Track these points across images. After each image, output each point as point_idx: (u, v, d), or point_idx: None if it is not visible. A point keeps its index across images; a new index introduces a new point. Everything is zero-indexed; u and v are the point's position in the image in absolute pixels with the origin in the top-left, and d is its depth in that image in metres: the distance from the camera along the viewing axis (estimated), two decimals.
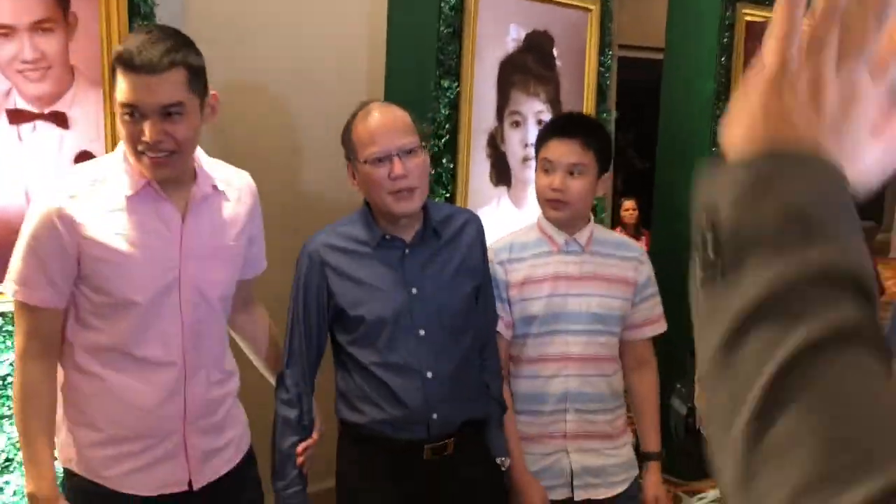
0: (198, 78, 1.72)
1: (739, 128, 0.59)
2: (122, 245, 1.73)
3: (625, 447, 2.28)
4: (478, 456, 2.06)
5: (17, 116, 2.14)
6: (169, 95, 1.66)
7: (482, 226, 2.12)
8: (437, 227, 2.01)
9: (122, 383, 1.77)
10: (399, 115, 1.95)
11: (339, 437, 2.03)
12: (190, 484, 1.87)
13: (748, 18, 4.07)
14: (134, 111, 1.66)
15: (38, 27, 2.15)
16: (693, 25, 4.10)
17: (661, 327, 2.33)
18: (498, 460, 2.09)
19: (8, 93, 2.13)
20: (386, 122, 1.92)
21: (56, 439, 1.84)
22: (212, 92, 1.77)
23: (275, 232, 2.04)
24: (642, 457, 2.30)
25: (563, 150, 2.14)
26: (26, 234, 1.72)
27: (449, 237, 2.03)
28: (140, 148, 1.68)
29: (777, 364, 0.47)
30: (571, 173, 2.14)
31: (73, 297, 1.76)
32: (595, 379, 2.20)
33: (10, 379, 2.19)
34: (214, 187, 1.87)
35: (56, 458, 1.85)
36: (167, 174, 1.74)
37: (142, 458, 1.81)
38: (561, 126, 2.21)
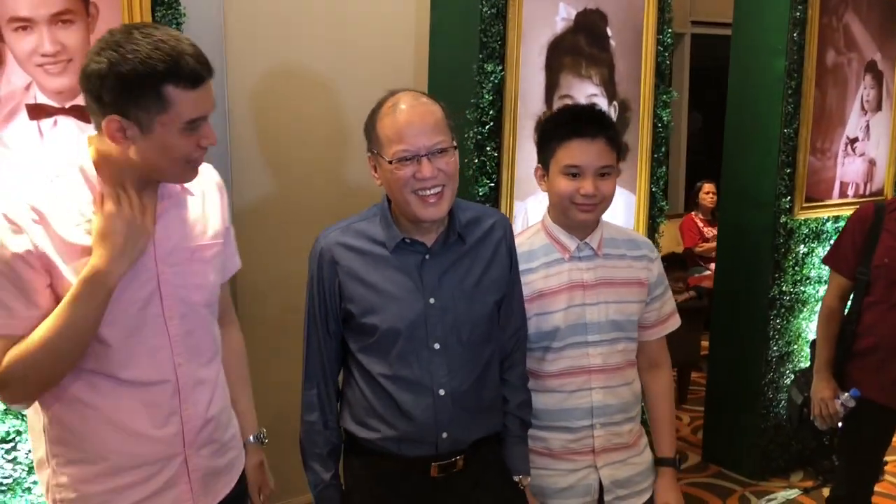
0: None
1: None
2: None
3: (645, 451, 2.16)
4: (492, 473, 1.92)
5: (37, 111, 2.10)
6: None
7: (510, 227, 1.96)
8: (462, 231, 1.85)
9: (113, 407, 1.59)
10: (430, 111, 1.75)
11: (345, 449, 1.91)
12: None
13: None
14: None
15: (57, 19, 2.09)
16: None
17: (673, 325, 2.20)
18: (515, 478, 1.94)
19: (28, 87, 2.08)
20: (415, 118, 1.71)
21: (41, 481, 1.68)
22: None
23: (322, 224, 1.90)
24: (657, 461, 2.17)
25: (592, 154, 1.97)
26: None
27: (474, 242, 1.87)
28: (197, 156, 1.56)
29: None
30: (601, 175, 1.99)
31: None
32: (619, 388, 2.07)
33: None
34: (181, 186, 1.68)
35: None
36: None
37: (145, 488, 1.63)
38: (581, 126, 2.00)
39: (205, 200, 1.74)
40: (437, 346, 1.79)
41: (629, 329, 2.09)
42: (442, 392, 1.79)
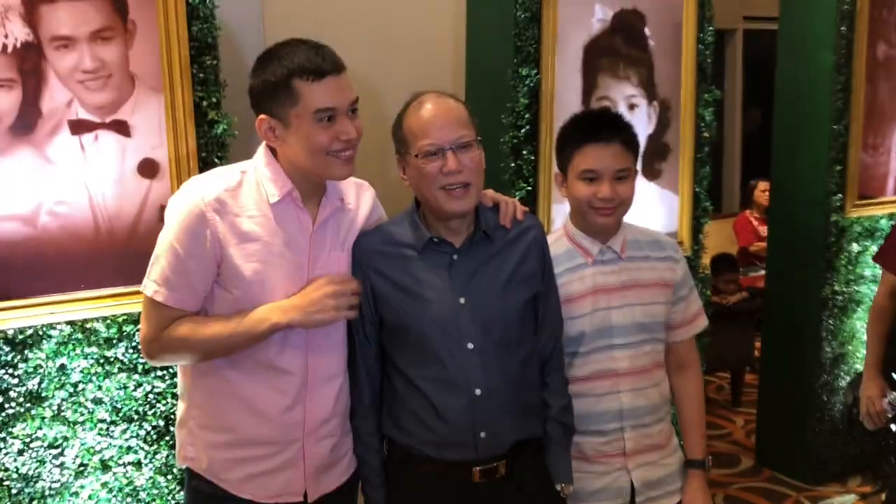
0: None
1: None
2: (261, 252, 1.73)
3: (676, 452, 2.14)
4: (535, 480, 1.90)
5: (78, 127, 2.17)
6: (353, 91, 1.77)
7: (543, 231, 1.97)
8: (489, 231, 1.87)
9: (250, 389, 1.78)
10: (453, 107, 1.82)
11: (387, 455, 1.93)
12: (305, 495, 1.85)
13: None
14: (332, 113, 1.71)
15: (97, 36, 2.16)
16: None
17: (699, 325, 2.18)
18: (558, 486, 1.93)
19: (69, 103, 2.15)
20: (439, 113, 1.79)
21: (178, 437, 1.88)
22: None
23: None
24: (686, 463, 2.15)
25: (608, 158, 1.97)
26: (171, 231, 1.71)
27: (503, 243, 1.88)
28: (337, 148, 1.73)
29: None
30: (618, 178, 1.98)
31: (212, 299, 1.76)
32: (648, 390, 2.06)
33: (81, 386, 2.23)
34: (342, 200, 1.87)
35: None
36: (353, 171, 1.81)
37: (262, 464, 1.81)
38: (596, 130, 2.00)
39: (357, 215, 1.91)
40: (470, 345, 1.80)
41: (656, 330, 2.07)
42: (478, 392, 1.80)
